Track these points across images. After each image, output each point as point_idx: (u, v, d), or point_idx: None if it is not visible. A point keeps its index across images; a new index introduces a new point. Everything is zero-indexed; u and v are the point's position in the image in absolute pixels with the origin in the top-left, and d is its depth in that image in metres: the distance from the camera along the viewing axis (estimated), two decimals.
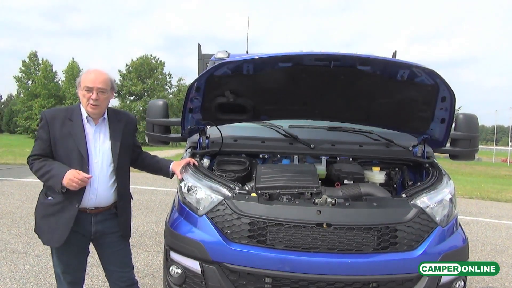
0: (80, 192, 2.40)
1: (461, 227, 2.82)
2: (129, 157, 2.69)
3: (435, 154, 3.41)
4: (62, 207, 2.42)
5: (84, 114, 2.51)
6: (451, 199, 2.71)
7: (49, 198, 2.47)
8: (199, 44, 4.92)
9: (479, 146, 3.64)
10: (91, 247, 2.68)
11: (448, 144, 3.30)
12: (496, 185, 14.56)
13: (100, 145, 2.51)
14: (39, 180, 2.45)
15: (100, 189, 2.48)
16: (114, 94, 2.65)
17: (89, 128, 2.51)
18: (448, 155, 3.49)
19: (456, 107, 3.78)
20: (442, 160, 4.94)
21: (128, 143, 2.64)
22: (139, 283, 2.84)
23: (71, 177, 2.30)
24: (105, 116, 2.57)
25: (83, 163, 2.41)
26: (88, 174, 2.40)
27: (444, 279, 2.51)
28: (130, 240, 2.77)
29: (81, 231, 2.49)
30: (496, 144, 72.86)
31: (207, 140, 3.27)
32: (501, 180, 18.51)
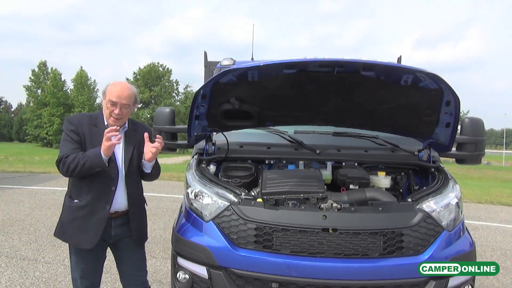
0: (110, 194, 2.48)
1: (468, 231, 2.80)
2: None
3: (443, 159, 3.40)
4: (92, 209, 2.48)
5: (105, 122, 2.58)
6: (457, 203, 2.70)
7: (75, 201, 2.52)
8: (205, 52, 4.98)
9: (487, 150, 3.62)
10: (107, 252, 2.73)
11: (454, 149, 3.29)
12: (506, 190, 14.36)
13: (117, 152, 2.57)
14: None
15: (118, 194, 2.55)
16: (137, 106, 2.71)
17: None
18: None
19: (464, 111, 3.76)
20: (450, 165, 4.91)
21: (141, 151, 2.68)
22: None
23: (103, 144, 2.34)
24: (126, 125, 2.64)
25: (112, 168, 2.48)
26: (117, 177, 2.48)
27: (451, 283, 2.49)
28: None
29: (102, 235, 2.54)
30: (505, 148, 71.90)
31: (213, 147, 3.31)
32: (511, 184, 18.26)
